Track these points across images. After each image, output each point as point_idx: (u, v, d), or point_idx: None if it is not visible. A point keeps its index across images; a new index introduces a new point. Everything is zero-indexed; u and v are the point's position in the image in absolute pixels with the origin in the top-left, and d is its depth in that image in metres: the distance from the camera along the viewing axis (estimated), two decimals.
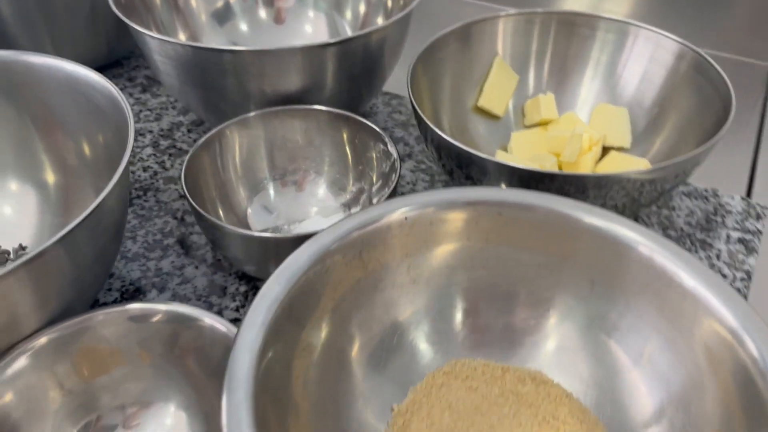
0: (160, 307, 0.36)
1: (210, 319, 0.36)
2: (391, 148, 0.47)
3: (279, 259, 0.41)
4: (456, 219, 0.39)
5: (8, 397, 0.35)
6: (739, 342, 0.31)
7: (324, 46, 0.49)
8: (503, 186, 0.45)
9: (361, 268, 0.37)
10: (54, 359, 0.36)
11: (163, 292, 0.47)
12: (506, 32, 0.56)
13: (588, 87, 0.57)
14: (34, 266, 0.33)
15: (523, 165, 0.43)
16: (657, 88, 0.53)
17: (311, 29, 0.65)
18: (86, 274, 0.39)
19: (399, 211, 0.37)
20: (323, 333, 0.35)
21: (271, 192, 0.51)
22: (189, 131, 0.62)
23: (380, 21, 0.64)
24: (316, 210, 0.50)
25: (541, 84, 0.58)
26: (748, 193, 0.57)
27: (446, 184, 0.57)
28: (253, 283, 0.48)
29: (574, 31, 0.57)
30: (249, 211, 0.50)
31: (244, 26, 0.65)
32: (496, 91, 0.58)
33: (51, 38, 0.63)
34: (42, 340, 0.36)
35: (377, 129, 0.48)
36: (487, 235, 0.39)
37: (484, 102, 0.58)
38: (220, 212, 0.48)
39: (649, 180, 0.43)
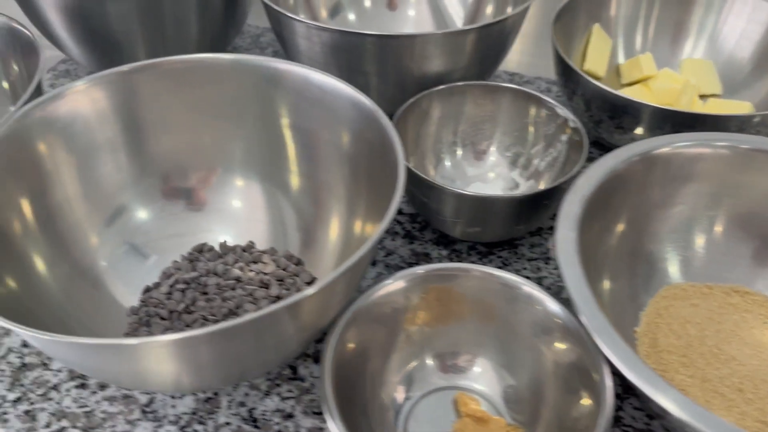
0: (496, 273, 0.40)
1: (528, 287, 0.40)
2: (561, 111, 0.53)
3: (496, 218, 0.48)
4: (715, 158, 0.46)
5: (386, 308, 0.40)
6: None
7: (466, 31, 0.55)
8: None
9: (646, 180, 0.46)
10: (417, 294, 0.41)
11: (374, 265, 0.52)
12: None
13: (690, 46, 0.65)
14: (354, 267, 0.35)
15: (683, 109, 0.50)
16: (754, 44, 0.62)
17: (414, 12, 0.70)
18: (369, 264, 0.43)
19: (677, 144, 0.46)
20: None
21: (448, 162, 0.56)
22: None
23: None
24: (492, 176, 0.56)
25: (646, 45, 0.66)
26: None
27: None
28: (452, 247, 0.53)
29: None
30: (438, 179, 0.55)
31: (351, 16, 0.69)
32: (597, 54, 0.65)
33: (161, 39, 0.63)
34: (418, 273, 0.41)
35: (544, 97, 0.54)
36: (733, 175, 0.47)
37: (589, 65, 0.65)
38: None
39: None
